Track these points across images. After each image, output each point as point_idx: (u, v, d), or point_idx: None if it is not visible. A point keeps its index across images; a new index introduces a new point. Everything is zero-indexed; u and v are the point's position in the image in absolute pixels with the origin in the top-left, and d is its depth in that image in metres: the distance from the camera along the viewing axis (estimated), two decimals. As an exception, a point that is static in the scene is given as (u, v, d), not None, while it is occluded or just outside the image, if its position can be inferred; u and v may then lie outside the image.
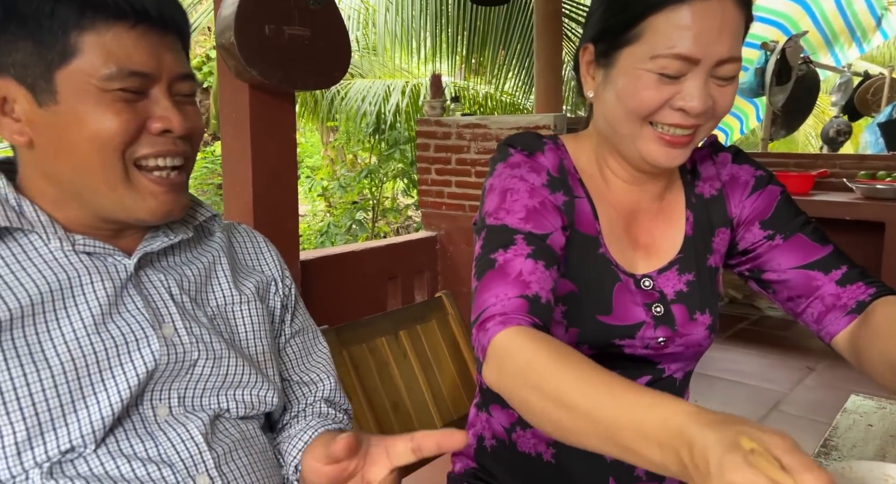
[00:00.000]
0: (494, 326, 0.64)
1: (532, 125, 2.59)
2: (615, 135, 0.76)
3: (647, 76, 0.69)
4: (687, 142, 0.73)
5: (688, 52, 0.67)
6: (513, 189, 0.75)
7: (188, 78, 0.63)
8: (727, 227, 0.84)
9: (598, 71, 0.76)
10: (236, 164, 2.01)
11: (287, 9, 1.85)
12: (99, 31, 0.56)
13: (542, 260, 0.70)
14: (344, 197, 6.41)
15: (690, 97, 0.68)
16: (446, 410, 1.16)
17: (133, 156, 0.60)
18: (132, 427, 0.60)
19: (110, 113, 0.57)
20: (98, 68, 0.56)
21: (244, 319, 0.71)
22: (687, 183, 0.85)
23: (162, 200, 0.62)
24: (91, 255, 0.62)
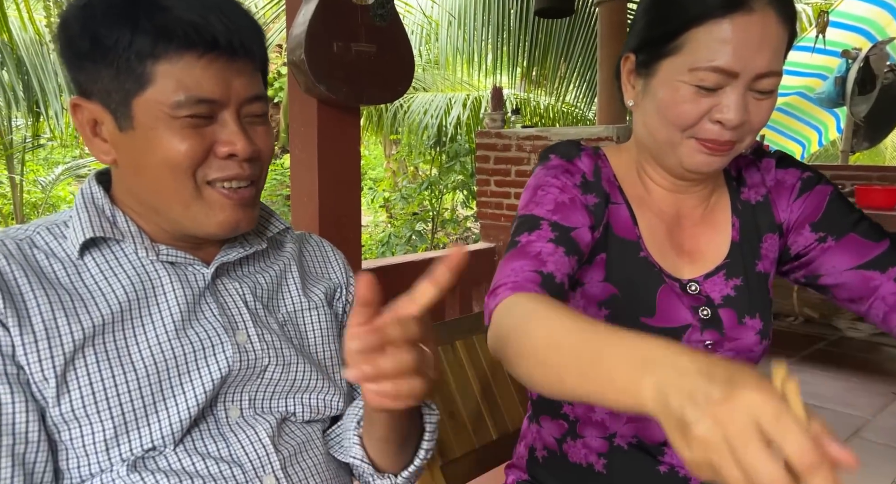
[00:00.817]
0: (504, 291, 0.65)
1: (594, 137, 2.57)
2: (654, 143, 0.77)
3: (686, 88, 0.70)
4: (727, 150, 0.73)
5: (726, 66, 0.68)
6: (544, 185, 0.77)
7: (258, 100, 0.64)
8: (775, 233, 0.83)
9: (639, 80, 0.77)
10: (304, 176, 2.10)
11: (354, 26, 1.92)
12: (171, 60, 0.59)
13: (562, 246, 0.71)
14: (405, 208, 6.52)
15: (727, 110, 0.69)
16: (502, 421, 1.16)
17: (205, 178, 0.63)
18: (207, 427, 0.64)
19: (178, 138, 0.60)
20: (169, 96, 0.59)
21: (313, 324, 0.74)
22: (732, 189, 0.84)
23: (229, 214, 0.64)
24: (173, 264, 0.66)
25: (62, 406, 0.58)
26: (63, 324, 0.59)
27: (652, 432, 0.81)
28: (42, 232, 0.64)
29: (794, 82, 4.92)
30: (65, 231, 0.64)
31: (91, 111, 0.63)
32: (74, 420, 0.58)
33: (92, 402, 0.58)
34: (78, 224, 0.63)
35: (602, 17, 3.39)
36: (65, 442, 0.59)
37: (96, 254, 0.64)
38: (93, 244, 0.64)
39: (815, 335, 3.42)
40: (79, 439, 0.58)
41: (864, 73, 3.72)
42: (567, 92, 6.24)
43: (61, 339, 0.58)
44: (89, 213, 0.64)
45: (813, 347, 3.24)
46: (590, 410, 0.83)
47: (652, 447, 0.81)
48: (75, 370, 0.58)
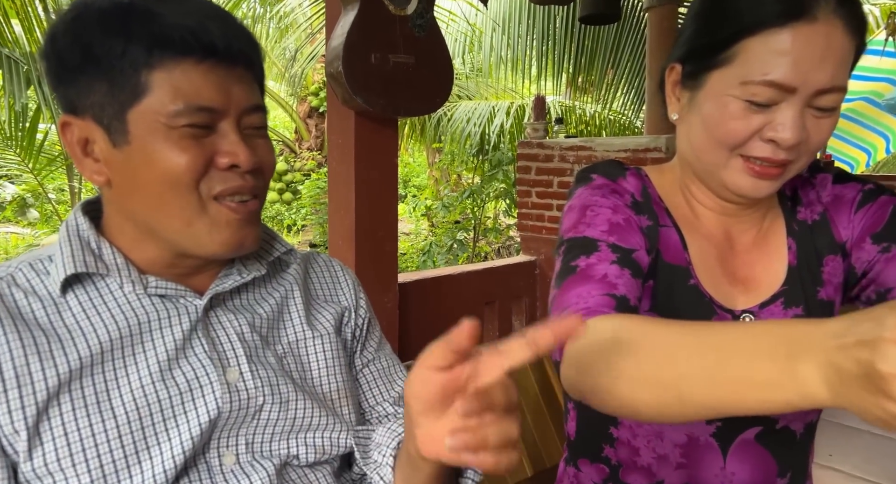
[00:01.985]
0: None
1: (641, 147, 2.46)
2: (699, 162, 0.70)
3: (735, 104, 0.63)
4: (778, 174, 0.65)
5: (783, 80, 0.60)
6: (594, 205, 0.70)
7: (258, 110, 0.61)
8: (837, 254, 0.74)
9: (685, 93, 0.70)
10: (341, 188, 2.08)
11: (393, 37, 1.89)
12: (167, 68, 0.56)
13: (628, 268, 0.64)
14: (447, 217, 6.49)
15: (783, 128, 0.61)
16: (538, 457, 1.09)
17: (210, 193, 0.59)
18: (197, 477, 0.59)
19: (177, 150, 0.57)
20: (166, 105, 0.56)
21: (317, 355, 0.69)
22: (787, 209, 0.76)
23: (234, 231, 0.60)
24: (163, 297, 0.62)
25: (34, 460, 0.54)
26: (36, 369, 0.55)
27: (706, 480, 0.73)
28: (24, 269, 0.60)
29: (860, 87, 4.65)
30: (48, 266, 0.61)
31: (82, 129, 0.59)
32: (48, 475, 0.54)
33: (67, 454, 0.54)
34: (60, 259, 0.59)
35: (651, 22, 3.27)
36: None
37: (80, 291, 0.60)
38: (77, 280, 0.60)
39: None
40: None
41: (939, 77, 3.45)
42: (614, 99, 6.09)
43: (34, 386, 0.54)
44: (72, 247, 0.60)
45: None
46: (634, 453, 0.75)
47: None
48: (49, 420, 0.54)
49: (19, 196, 7.04)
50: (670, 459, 0.73)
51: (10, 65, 3.47)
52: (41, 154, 4.55)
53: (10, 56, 3.51)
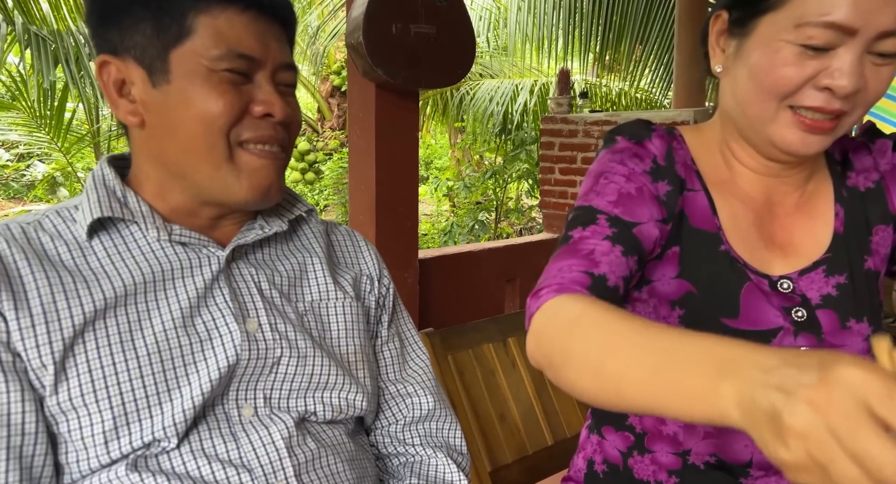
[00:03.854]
0: (548, 293, 0.58)
1: (668, 121, 2.39)
2: (743, 116, 0.67)
3: (789, 49, 0.59)
4: (830, 128, 0.61)
5: (844, 21, 0.56)
6: (608, 172, 0.68)
7: (290, 68, 0.64)
8: (889, 224, 0.71)
9: (730, 42, 0.67)
10: (362, 162, 2.07)
11: (414, 7, 1.86)
12: (213, 13, 0.58)
13: (620, 245, 0.63)
14: (468, 197, 6.46)
15: (840, 74, 0.58)
16: (559, 426, 1.08)
17: (238, 138, 0.61)
18: (217, 426, 0.60)
19: (216, 93, 0.59)
20: (209, 48, 0.58)
21: (338, 316, 0.69)
22: (836, 174, 0.73)
23: (262, 176, 0.62)
24: (186, 245, 0.63)
25: (60, 395, 0.55)
26: (63, 307, 0.56)
27: (735, 450, 0.71)
28: (51, 215, 0.62)
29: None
30: (74, 214, 0.62)
31: (120, 69, 0.60)
32: (72, 410, 0.56)
33: (91, 390, 0.55)
34: (87, 206, 0.61)
35: (681, -6, 3.17)
36: (63, 434, 0.56)
37: (105, 237, 0.61)
38: (102, 228, 0.62)
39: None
40: (77, 431, 0.56)
41: None
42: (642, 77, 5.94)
43: (60, 322, 0.56)
44: (98, 194, 0.61)
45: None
46: (660, 421, 0.74)
47: (734, 468, 0.71)
48: (74, 357, 0.56)
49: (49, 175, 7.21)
50: (698, 428, 0.71)
51: (39, 42, 3.51)
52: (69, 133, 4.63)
53: (38, 33, 3.56)
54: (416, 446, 0.74)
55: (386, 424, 0.75)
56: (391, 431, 0.75)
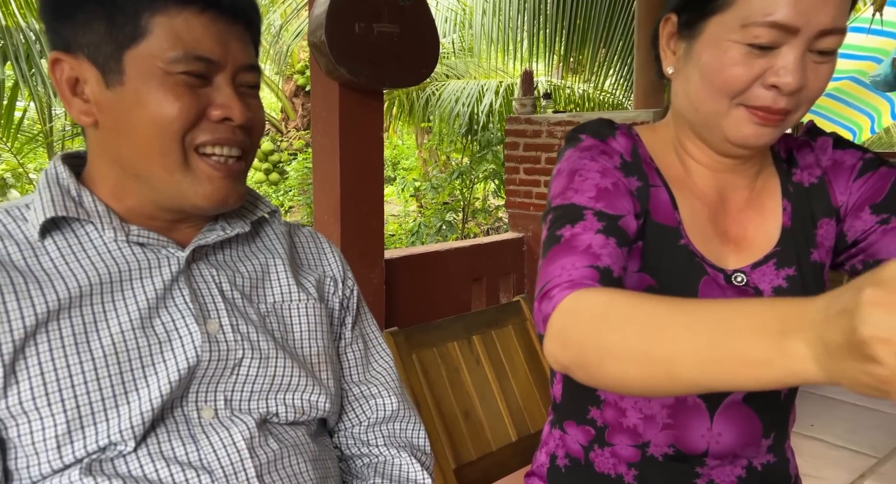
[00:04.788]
0: (560, 292, 0.56)
1: (628, 121, 2.44)
2: (697, 115, 0.69)
3: (736, 48, 0.62)
4: (779, 120, 0.64)
5: (786, 20, 0.59)
6: (582, 169, 0.69)
7: (253, 69, 0.62)
8: (832, 218, 0.74)
9: (680, 44, 0.69)
10: (326, 161, 2.05)
11: (377, 6, 1.85)
12: (170, 13, 0.56)
13: (614, 237, 0.63)
14: (435, 198, 6.46)
15: (785, 72, 0.60)
16: (522, 422, 1.09)
17: (193, 142, 0.59)
18: (175, 428, 0.59)
19: (171, 97, 0.57)
20: (165, 50, 0.56)
21: (300, 317, 0.68)
22: (782, 171, 0.76)
23: (218, 186, 0.60)
24: (144, 246, 0.61)
25: (9, 399, 0.53)
26: (13, 308, 0.54)
27: (692, 441, 0.73)
28: (0, 215, 0.60)
29: (846, 66, 4.64)
30: (25, 214, 0.60)
31: (73, 67, 0.59)
32: (23, 414, 0.54)
33: (42, 393, 0.54)
34: (39, 205, 0.59)
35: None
36: (13, 439, 0.54)
37: (58, 237, 0.59)
38: (55, 227, 0.59)
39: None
40: (28, 436, 0.54)
41: (926, 55, 3.45)
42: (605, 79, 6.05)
43: (10, 324, 0.54)
44: (52, 193, 0.59)
45: None
46: (621, 414, 0.75)
47: (691, 458, 0.73)
48: (25, 359, 0.54)
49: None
50: (657, 419, 0.73)
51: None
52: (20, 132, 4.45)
53: (-15, 29, 3.41)
54: (379, 447, 0.74)
55: (349, 425, 0.75)
56: (355, 432, 0.75)
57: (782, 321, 0.38)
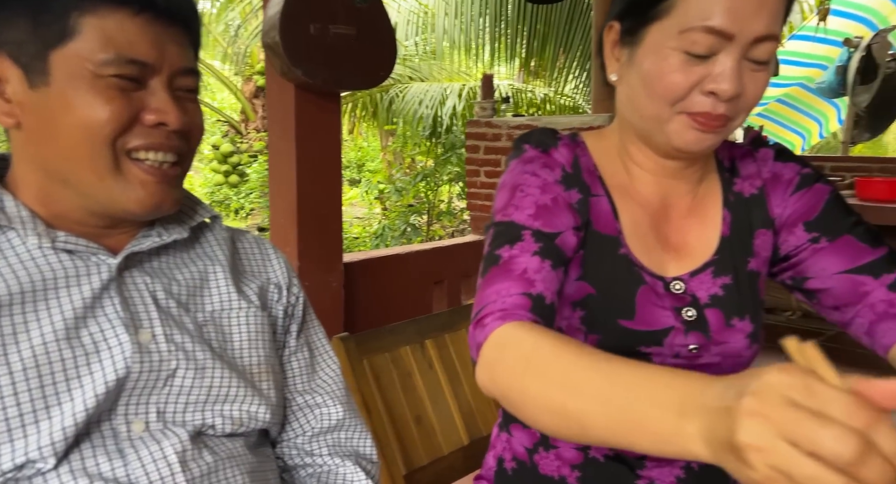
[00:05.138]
0: (493, 321, 0.58)
1: (585, 125, 2.48)
2: (640, 120, 0.70)
3: (675, 56, 0.63)
4: (720, 126, 0.66)
5: (721, 26, 0.60)
6: (523, 185, 0.70)
7: (191, 73, 0.61)
8: (769, 229, 0.76)
9: (623, 51, 0.70)
10: (282, 164, 2.02)
11: (332, 7, 1.83)
12: (101, 14, 0.54)
13: (549, 259, 0.64)
14: (400, 200, 6.44)
15: (722, 79, 0.62)
16: (474, 425, 1.09)
17: (125, 146, 0.57)
18: (102, 443, 0.56)
19: (102, 100, 0.55)
20: (95, 52, 0.54)
21: (240, 326, 0.67)
22: (725, 180, 0.77)
23: (152, 191, 0.58)
24: (73, 253, 0.59)
25: None
26: None
27: None
28: None
29: (794, 73, 4.83)
30: None
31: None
32: None
33: None
34: None
35: (597, 3, 3.29)
36: None
37: None
38: None
39: (812, 330, 3.34)
40: None
41: (865, 63, 3.63)
42: (566, 83, 6.14)
43: None
44: None
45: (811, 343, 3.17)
46: None
47: (631, 460, 0.74)
48: None
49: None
50: None
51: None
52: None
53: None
54: (323, 456, 0.73)
55: (293, 435, 0.73)
56: (298, 442, 0.73)
57: (682, 402, 0.40)
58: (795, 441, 0.32)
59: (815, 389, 0.33)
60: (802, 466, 0.32)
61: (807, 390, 0.33)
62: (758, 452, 0.33)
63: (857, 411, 0.32)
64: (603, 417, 0.45)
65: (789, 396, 0.33)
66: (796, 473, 0.32)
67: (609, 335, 0.70)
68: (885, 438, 0.31)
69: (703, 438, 0.38)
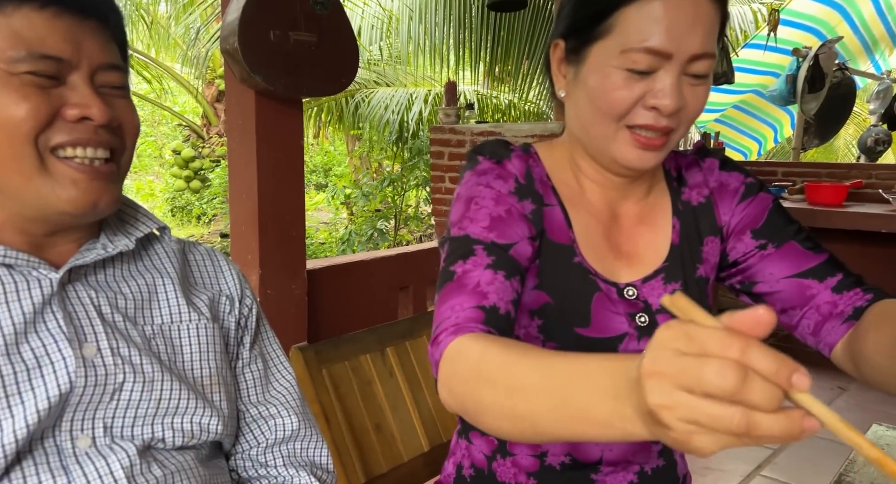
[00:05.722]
0: (446, 337, 0.60)
1: (547, 132, 2.52)
2: (587, 136, 0.72)
3: (617, 73, 0.66)
4: (661, 145, 0.69)
5: (659, 46, 0.64)
6: (478, 197, 0.71)
7: (114, 69, 0.59)
8: (717, 236, 0.79)
9: (569, 69, 0.72)
10: (242, 170, 1.99)
11: (293, 14, 1.82)
12: (6, 12, 0.53)
13: (501, 270, 0.66)
14: (367, 205, 6.41)
15: (663, 94, 0.65)
16: (434, 432, 1.10)
17: (48, 144, 0.55)
18: (45, 460, 0.55)
19: (17, 97, 0.53)
20: (4, 50, 0.53)
21: (190, 338, 0.66)
22: (673, 190, 0.80)
23: (84, 188, 0.57)
24: (11, 267, 0.57)
25: None
26: None
27: (587, 449, 0.75)
28: None
29: (749, 80, 4.99)
30: None
31: None
32: None
33: None
34: None
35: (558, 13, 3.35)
36: None
37: None
38: None
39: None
40: None
41: (813, 72, 3.78)
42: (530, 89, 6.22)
43: None
44: None
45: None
46: None
47: (586, 466, 0.76)
48: None
49: None
50: None
51: None
52: None
53: None
54: (278, 467, 0.72)
55: (247, 447, 0.73)
56: (252, 454, 0.73)
57: (615, 385, 0.41)
58: (689, 387, 0.33)
59: (692, 333, 0.34)
60: (703, 409, 0.32)
61: (686, 337, 0.34)
62: (666, 410, 0.34)
63: (729, 341, 0.32)
64: (550, 413, 0.46)
65: (675, 347, 0.34)
66: (701, 418, 0.32)
67: (566, 343, 0.72)
68: (760, 359, 0.32)
69: (638, 417, 0.38)
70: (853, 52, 4.98)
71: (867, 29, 5.01)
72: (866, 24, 4.97)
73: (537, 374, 0.48)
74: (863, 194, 3.17)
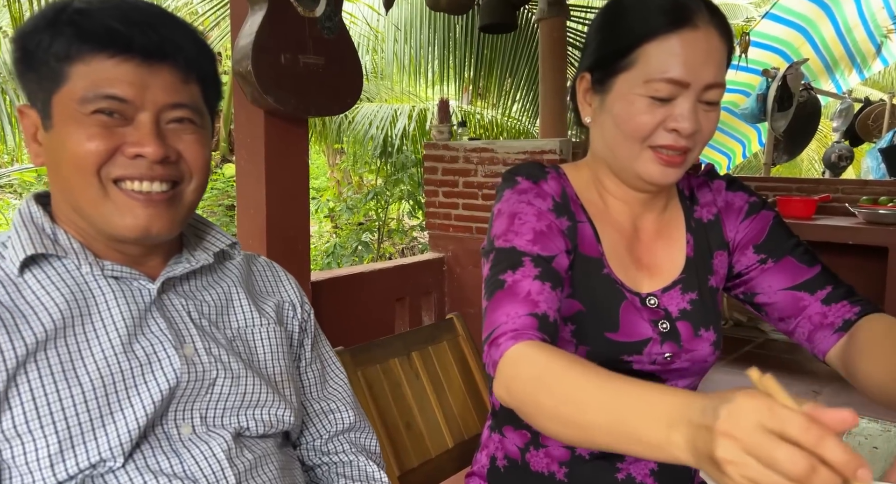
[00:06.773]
0: (506, 341, 0.67)
1: (538, 150, 2.65)
2: (614, 157, 0.81)
3: (641, 100, 0.75)
4: (680, 162, 0.78)
5: (679, 77, 0.73)
6: (521, 213, 0.78)
7: (182, 107, 0.65)
8: (724, 250, 0.88)
9: (595, 98, 0.81)
10: (251, 187, 2.06)
11: (302, 38, 1.92)
12: (85, 60, 0.61)
13: (548, 281, 0.73)
14: (351, 218, 6.46)
15: (682, 119, 0.74)
16: (457, 429, 1.18)
17: (109, 176, 0.63)
18: (158, 444, 0.63)
19: (85, 135, 0.61)
20: (78, 92, 0.61)
21: (262, 341, 0.74)
22: (686, 208, 0.89)
23: (137, 215, 0.63)
24: (118, 279, 0.66)
25: (3, 423, 0.57)
26: (5, 341, 0.58)
27: None
28: None
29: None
30: (3, 251, 0.64)
31: (30, 116, 0.65)
32: (17, 437, 0.57)
33: (35, 417, 0.58)
34: (18, 243, 0.63)
35: (542, 33, 3.50)
36: (6, 460, 0.58)
37: (37, 271, 0.63)
38: (33, 262, 0.64)
39: (743, 338, 3.61)
40: (21, 457, 0.57)
41: (782, 91, 4.00)
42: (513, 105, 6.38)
43: (3, 355, 0.58)
44: (29, 232, 0.64)
45: (741, 350, 3.43)
46: None
47: (612, 456, 0.83)
48: (17, 387, 0.58)
49: None
50: None
51: None
52: None
53: None
54: (339, 454, 0.81)
55: (312, 438, 0.81)
56: (316, 444, 0.81)
57: (670, 416, 0.48)
58: (760, 460, 0.40)
59: (776, 411, 0.41)
60: (766, 477, 0.40)
61: (770, 412, 0.41)
62: (732, 465, 0.41)
63: (809, 428, 0.39)
64: (605, 428, 0.54)
65: (756, 419, 0.41)
66: (762, 481, 0.40)
67: (596, 346, 0.80)
68: (834, 451, 0.39)
69: (687, 448, 0.46)
70: (815, 73, 5.26)
71: (828, 50, 5.30)
72: (827, 46, 5.26)
73: (599, 392, 0.56)
74: (831, 208, 3.36)
